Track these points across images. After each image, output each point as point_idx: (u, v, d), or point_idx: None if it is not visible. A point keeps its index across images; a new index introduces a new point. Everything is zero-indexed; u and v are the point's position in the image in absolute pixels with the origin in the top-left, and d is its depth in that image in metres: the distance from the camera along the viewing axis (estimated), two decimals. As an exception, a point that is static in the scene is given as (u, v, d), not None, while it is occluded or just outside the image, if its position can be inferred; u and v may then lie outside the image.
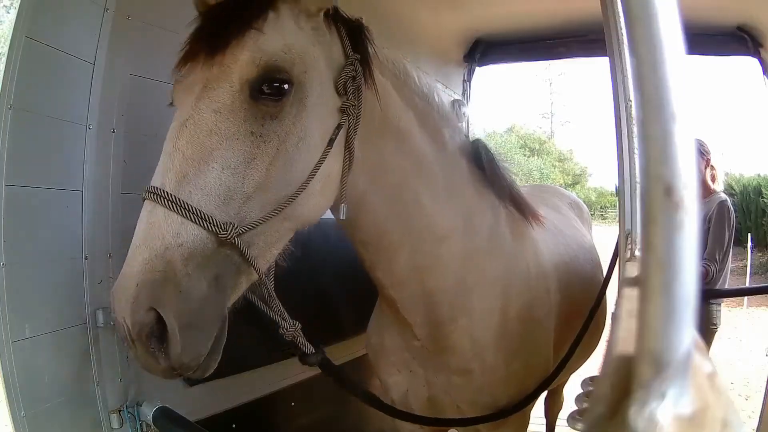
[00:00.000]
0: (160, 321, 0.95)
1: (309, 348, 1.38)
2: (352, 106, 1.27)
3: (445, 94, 3.88)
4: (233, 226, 1.00)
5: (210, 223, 0.98)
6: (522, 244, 1.76)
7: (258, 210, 1.07)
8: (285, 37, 1.16)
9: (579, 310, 2.01)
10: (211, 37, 1.12)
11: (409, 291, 1.54)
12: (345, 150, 1.29)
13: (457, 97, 4.06)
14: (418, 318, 1.58)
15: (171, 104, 1.18)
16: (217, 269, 1.02)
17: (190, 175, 1.00)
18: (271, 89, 1.10)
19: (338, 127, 1.24)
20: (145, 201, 1.02)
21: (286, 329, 1.31)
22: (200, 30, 1.17)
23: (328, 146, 1.20)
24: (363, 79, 1.31)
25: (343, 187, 1.30)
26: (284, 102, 1.11)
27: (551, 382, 1.80)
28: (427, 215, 1.49)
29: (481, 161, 1.68)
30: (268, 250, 1.14)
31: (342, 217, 1.33)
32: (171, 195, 0.97)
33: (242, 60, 1.09)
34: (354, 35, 1.35)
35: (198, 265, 0.98)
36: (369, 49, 1.37)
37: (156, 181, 1.01)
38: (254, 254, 1.07)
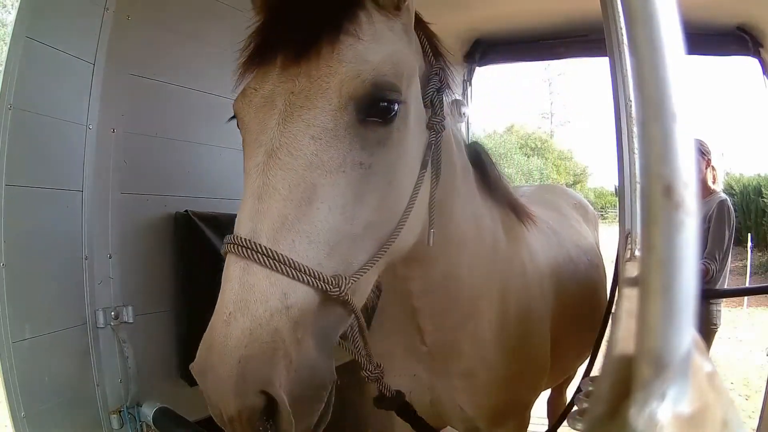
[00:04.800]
0: (270, 400, 0.77)
1: (391, 391, 1.24)
2: (440, 122, 1.14)
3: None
4: (344, 279, 0.84)
5: (320, 279, 0.81)
6: (517, 246, 1.75)
7: (363, 252, 0.92)
8: (385, 45, 0.99)
9: (572, 310, 2.02)
10: (293, 38, 0.93)
11: (432, 299, 1.49)
12: (432, 170, 1.16)
13: (457, 97, 4.07)
14: (431, 325, 1.55)
15: (232, 119, 1.02)
16: (323, 326, 0.85)
17: (291, 220, 0.83)
18: (378, 111, 0.93)
19: (429, 146, 1.12)
20: (229, 255, 0.82)
21: (371, 371, 1.15)
22: (274, 26, 0.97)
23: (422, 169, 1.08)
24: (445, 90, 1.19)
25: (431, 211, 1.18)
26: (392, 125, 0.96)
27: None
28: (456, 223, 1.43)
29: (482, 164, 1.65)
30: (367, 291, 0.99)
31: (430, 243, 1.21)
32: (269, 250, 0.79)
33: (344, 74, 0.91)
34: (432, 39, 1.22)
35: (307, 328, 0.81)
36: (446, 55, 1.25)
37: (243, 230, 0.82)
38: (357, 301, 0.93)
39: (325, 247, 0.85)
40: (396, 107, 0.95)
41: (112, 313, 1.73)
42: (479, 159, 1.66)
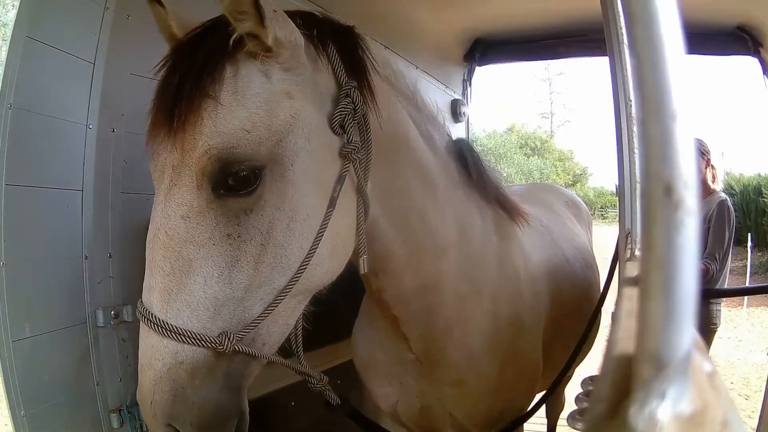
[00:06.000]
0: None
1: (336, 400, 1.35)
2: (354, 150, 1.09)
3: (444, 93, 3.88)
4: (228, 337, 0.94)
5: (204, 340, 0.93)
6: (509, 246, 1.71)
7: (258, 304, 0.98)
8: (247, 105, 0.96)
9: (568, 311, 1.99)
10: (170, 107, 0.95)
11: (411, 308, 1.48)
12: (357, 197, 1.14)
13: (457, 96, 4.07)
14: (415, 333, 1.53)
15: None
16: (226, 368, 0.98)
17: (174, 291, 0.94)
18: (236, 180, 0.94)
19: (340, 179, 1.07)
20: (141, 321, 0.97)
21: (314, 384, 1.29)
22: (162, 89, 0.99)
23: (329, 208, 1.05)
24: (365, 108, 1.14)
25: (360, 239, 1.16)
26: (258, 191, 0.96)
27: (555, 388, 1.81)
28: (431, 230, 1.41)
29: (466, 162, 1.60)
30: (281, 327, 1.06)
31: (364, 271, 1.22)
32: (159, 319, 0.93)
33: (198, 149, 0.93)
34: (347, 54, 1.16)
35: (204, 375, 0.96)
36: (369, 69, 1.18)
37: (144, 298, 0.97)
38: (264, 342, 1.02)
39: (207, 312, 0.95)
40: (257, 172, 0.96)
41: (112, 313, 1.73)
42: (463, 156, 1.60)
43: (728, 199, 3.70)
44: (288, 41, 1.01)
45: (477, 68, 4.12)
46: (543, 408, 3.42)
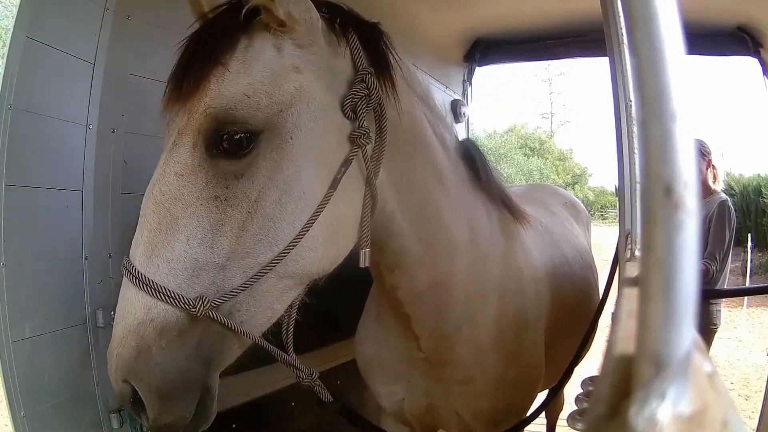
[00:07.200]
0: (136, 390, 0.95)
1: (327, 396, 1.33)
2: (364, 135, 1.09)
3: (444, 93, 3.88)
4: (202, 301, 0.93)
5: (178, 300, 0.92)
6: (513, 246, 1.73)
7: (240, 275, 0.97)
8: (252, 72, 0.99)
9: (568, 311, 2.00)
10: (182, 74, 1.00)
11: (424, 307, 1.48)
12: (366, 188, 1.14)
13: (457, 97, 4.07)
14: (426, 332, 1.54)
15: None
16: (199, 338, 0.97)
17: (159, 248, 0.95)
18: (230, 142, 0.96)
19: (345, 162, 1.07)
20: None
21: (303, 379, 1.26)
22: (179, 60, 1.04)
23: (330, 189, 1.04)
24: (384, 95, 1.16)
25: (363, 232, 1.15)
26: (250, 156, 0.97)
27: (560, 388, 1.81)
28: (445, 228, 1.43)
29: (473, 163, 1.62)
30: (265, 310, 1.03)
31: (365, 264, 1.19)
32: (138, 272, 0.93)
33: (200, 109, 0.97)
34: (369, 44, 1.18)
35: (174, 338, 0.94)
36: (391, 59, 1.21)
37: (131, 251, 0.98)
38: (242, 319, 0.99)
39: (185, 273, 0.95)
40: (253, 138, 0.97)
41: (112, 313, 1.72)
42: (471, 156, 1.62)
43: (729, 199, 3.70)
44: (302, 18, 1.03)
45: (477, 68, 4.12)
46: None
